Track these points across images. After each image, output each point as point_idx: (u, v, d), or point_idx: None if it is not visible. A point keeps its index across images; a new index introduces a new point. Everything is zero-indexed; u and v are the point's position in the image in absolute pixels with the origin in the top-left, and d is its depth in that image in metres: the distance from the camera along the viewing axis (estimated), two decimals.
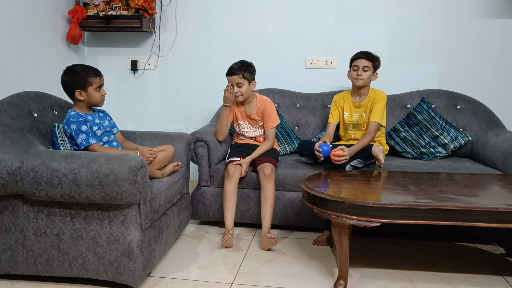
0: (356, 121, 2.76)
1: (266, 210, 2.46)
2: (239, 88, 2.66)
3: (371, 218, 1.83)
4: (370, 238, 2.57)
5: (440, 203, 1.82)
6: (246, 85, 2.67)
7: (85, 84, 2.14)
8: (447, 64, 3.22)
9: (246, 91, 2.67)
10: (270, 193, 2.47)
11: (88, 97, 2.16)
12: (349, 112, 2.78)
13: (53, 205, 1.91)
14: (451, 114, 3.01)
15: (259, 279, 2.08)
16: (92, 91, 2.16)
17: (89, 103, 2.19)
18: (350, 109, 2.78)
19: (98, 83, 2.18)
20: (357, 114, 2.76)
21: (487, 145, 2.75)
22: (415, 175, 2.34)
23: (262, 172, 2.50)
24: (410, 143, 2.91)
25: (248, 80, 2.67)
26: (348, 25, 3.29)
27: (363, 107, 2.74)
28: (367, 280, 2.08)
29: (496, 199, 1.90)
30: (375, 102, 2.69)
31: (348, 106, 2.79)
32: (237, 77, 2.63)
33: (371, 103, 2.71)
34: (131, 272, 1.89)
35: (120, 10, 3.28)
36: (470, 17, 3.16)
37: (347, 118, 2.79)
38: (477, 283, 2.06)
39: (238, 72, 2.63)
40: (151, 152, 2.19)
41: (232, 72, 2.64)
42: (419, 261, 2.29)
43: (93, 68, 2.20)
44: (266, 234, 2.39)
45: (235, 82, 2.65)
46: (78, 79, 2.13)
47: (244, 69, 2.64)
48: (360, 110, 2.75)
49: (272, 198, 2.48)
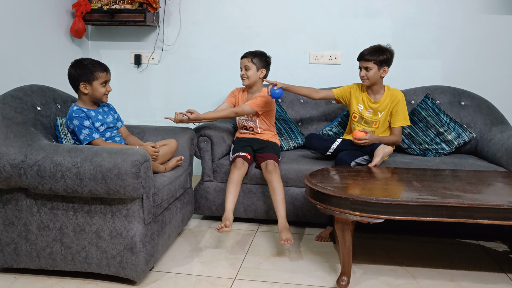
0: (370, 118, 2.71)
1: (278, 201, 2.37)
2: (246, 71, 2.73)
3: (374, 214, 1.82)
4: (373, 234, 2.56)
5: (444, 199, 1.81)
6: (254, 70, 2.72)
7: (91, 77, 2.13)
8: (451, 60, 3.21)
9: (252, 75, 2.72)
10: (277, 184, 2.41)
11: (92, 91, 2.16)
12: (364, 106, 2.72)
13: (56, 199, 1.91)
14: (455, 110, 3.00)
15: (262, 275, 2.08)
16: (97, 85, 2.15)
17: (93, 97, 2.18)
18: (365, 104, 2.72)
19: (104, 79, 2.17)
20: (371, 111, 2.70)
21: (491, 142, 2.74)
22: (419, 171, 2.33)
23: (265, 169, 2.49)
24: (414, 140, 2.90)
25: (256, 66, 2.72)
26: (352, 20, 3.27)
27: (379, 105, 2.68)
28: (370, 276, 2.08)
29: (500, 196, 1.89)
30: (395, 104, 2.66)
31: (364, 100, 2.73)
32: (246, 59, 2.72)
33: (390, 104, 2.67)
34: (133, 266, 1.89)
35: (124, 4, 3.27)
36: (475, 13, 3.14)
37: (362, 111, 2.72)
38: (480, 280, 2.05)
39: (249, 55, 2.73)
40: (154, 150, 2.17)
41: (244, 55, 2.76)
42: (422, 257, 2.28)
43: (101, 63, 2.19)
44: (285, 225, 2.30)
45: (244, 64, 2.74)
46: (84, 72, 2.13)
47: (255, 55, 2.73)
48: (375, 107, 2.69)
49: (280, 188, 2.40)
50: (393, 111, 2.67)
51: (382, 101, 2.68)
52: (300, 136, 3.03)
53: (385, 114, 2.68)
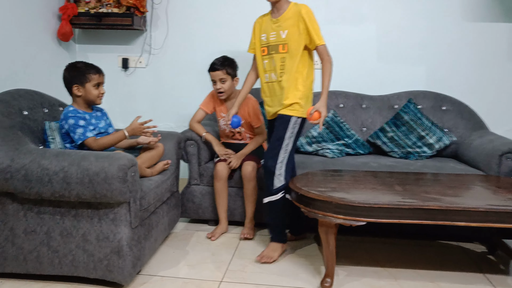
0: (274, 42, 2.29)
1: (248, 206, 2.61)
2: (222, 84, 2.64)
3: (357, 217, 1.88)
4: (356, 237, 2.62)
5: (424, 203, 1.87)
6: (229, 81, 2.66)
7: (84, 79, 2.16)
8: (434, 65, 3.29)
9: (229, 87, 2.67)
10: (249, 191, 2.58)
11: (86, 93, 2.18)
12: (267, 33, 2.32)
13: (43, 203, 1.92)
14: (437, 115, 3.07)
15: (248, 277, 2.11)
16: (89, 87, 2.18)
17: (86, 100, 2.20)
18: (267, 28, 2.33)
19: (97, 80, 2.20)
20: (274, 33, 2.29)
21: (471, 146, 2.81)
22: (402, 175, 2.39)
23: (243, 171, 2.57)
24: (396, 143, 2.96)
25: (231, 76, 2.66)
26: (338, 25, 3.32)
27: (280, 22, 2.28)
28: (353, 277, 2.13)
29: (478, 200, 1.95)
30: (301, 16, 2.23)
31: (266, 25, 2.34)
32: (220, 72, 2.62)
33: (294, 18, 2.24)
34: (120, 269, 1.91)
35: (111, 8, 3.28)
36: (457, 20, 3.22)
37: (267, 39, 2.32)
38: (459, 281, 2.12)
39: (221, 67, 2.61)
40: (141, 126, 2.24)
41: (215, 67, 2.62)
42: (404, 259, 2.34)
43: (94, 65, 2.23)
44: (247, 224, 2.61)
45: (218, 77, 2.63)
46: (77, 74, 2.16)
47: (227, 65, 2.63)
48: (277, 26, 2.28)
49: (252, 196, 2.59)
50: (303, 27, 2.24)
51: (284, 16, 2.28)
52: None
53: (291, 33, 2.26)
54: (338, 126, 3.05)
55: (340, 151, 2.95)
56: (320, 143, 3.00)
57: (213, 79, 2.66)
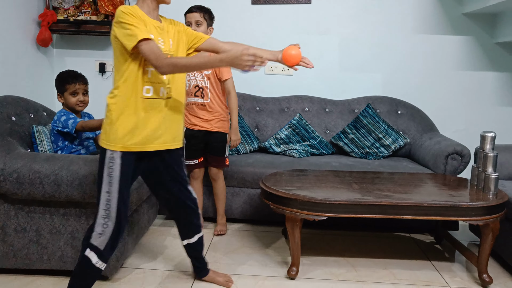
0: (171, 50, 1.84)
1: (219, 204, 2.84)
2: (197, 27, 2.49)
3: (319, 213, 2.13)
4: (319, 230, 2.87)
5: (377, 199, 2.14)
6: (205, 27, 2.52)
7: (62, 89, 2.35)
8: (389, 73, 3.58)
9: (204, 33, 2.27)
10: (218, 190, 2.81)
11: (66, 101, 2.36)
12: (165, 39, 1.82)
13: (33, 203, 2.07)
14: (392, 118, 3.37)
15: (221, 268, 2.32)
16: (67, 95, 2.35)
17: (68, 107, 2.37)
18: (161, 33, 1.82)
19: (72, 89, 2.35)
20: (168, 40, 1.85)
21: (422, 147, 3.12)
22: (360, 174, 2.65)
23: (210, 175, 2.79)
24: (357, 144, 3.24)
25: (207, 23, 2.54)
26: (304, 36, 3.56)
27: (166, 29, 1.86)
28: (316, 267, 2.38)
29: (424, 196, 2.23)
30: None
31: (156, 29, 1.80)
32: (197, 14, 2.49)
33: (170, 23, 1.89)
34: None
35: (90, 15, 3.39)
36: (409, 33, 3.52)
37: (164, 48, 1.79)
38: (409, 267, 2.40)
39: (199, 10, 2.51)
40: None
41: (192, 9, 2.50)
42: (361, 249, 2.62)
43: (75, 74, 2.38)
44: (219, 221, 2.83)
45: (195, 19, 2.48)
46: (58, 84, 2.36)
47: (205, 10, 2.54)
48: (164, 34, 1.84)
49: (221, 194, 2.81)
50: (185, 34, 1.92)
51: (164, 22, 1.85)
52: (256, 141, 3.30)
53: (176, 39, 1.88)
54: (304, 128, 3.30)
55: (306, 152, 3.21)
56: (288, 144, 3.25)
57: (189, 21, 2.53)
